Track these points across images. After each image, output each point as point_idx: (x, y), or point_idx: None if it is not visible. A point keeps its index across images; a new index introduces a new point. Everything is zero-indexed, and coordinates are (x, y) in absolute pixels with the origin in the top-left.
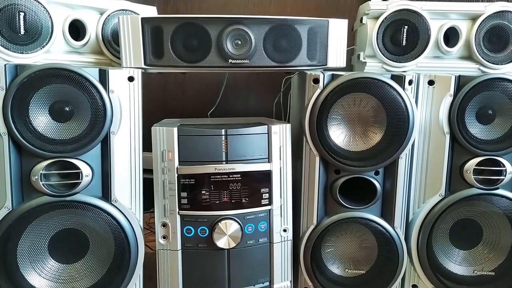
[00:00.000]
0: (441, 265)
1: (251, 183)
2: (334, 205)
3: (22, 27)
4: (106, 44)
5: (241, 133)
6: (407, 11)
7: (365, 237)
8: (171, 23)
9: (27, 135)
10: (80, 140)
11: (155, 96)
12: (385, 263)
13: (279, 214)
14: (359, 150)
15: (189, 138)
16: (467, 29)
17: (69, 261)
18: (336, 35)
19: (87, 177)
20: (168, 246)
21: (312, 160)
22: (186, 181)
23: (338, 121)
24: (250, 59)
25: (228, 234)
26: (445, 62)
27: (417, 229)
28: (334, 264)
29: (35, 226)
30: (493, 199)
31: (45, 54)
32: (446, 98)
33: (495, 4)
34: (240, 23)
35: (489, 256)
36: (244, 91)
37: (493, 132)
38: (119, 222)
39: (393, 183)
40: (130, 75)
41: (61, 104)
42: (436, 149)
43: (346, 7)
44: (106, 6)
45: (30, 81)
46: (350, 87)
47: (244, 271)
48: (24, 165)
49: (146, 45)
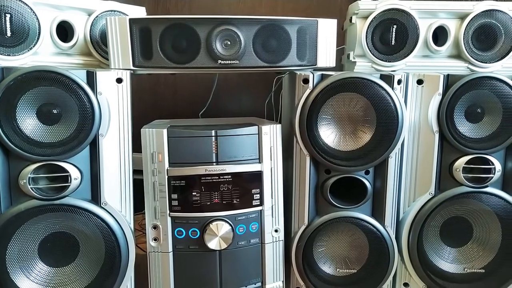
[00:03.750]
0: (432, 263)
1: (242, 184)
2: (325, 205)
3: (8, 29)
4: (94, 45)
5: (231, 134)
6: (396, 10)
7: (356, 237)
8: (159, 24)
9: (14, 139)
10: (68, 143)
11: (146, 97)
12: (376, 262)
13: (270, 215)
14: (349, 149)
15: (179, 140)
16: (456, 28)
17: (59, 265)
18: (325, 35)
19: (76, 180)
20: (159, 248)
21: (303, 160)
22: (176, 183)
23: (328, 121)
24: (239, 60)
25: (220, 236)
26: (434, 61)
27: (408, 227)
28: (325, 263)
29: (24, 230)
30: (482, 197)
31: (33, 56)
32: (435, 97)
33: (483, 3)
34: (229, 24)
35: (479, 254)
36: (236, 91)
37: (482, 130)
38: (109, 225)
39: (383, 182)
40: (119, 77)
41: (48, 107)
42: (425, 148)
43: (336, 7)
44: (94, 7)
45: (17, 84)
46: (339, 87)
47: (236, 272)
48: (12, 169)
49: (135, 46)
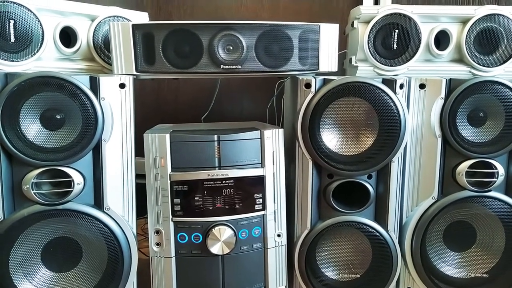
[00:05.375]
0: (435, 268)
1: (244, 189)
2: (327, 209)
3: (12, 35)
4: (97, 51)
5: (234, 138)
6: (397, 15)
7: (359, 241)
8: (162, 30)
9: (18, 144)
10: (71, 148)
11: (149, 101)
12: (379, 266)
13: (273, 219)
14: (352, 154)
15: (181, 145)
16: (458, 32)
17: (62, 270)
18: (327, 39)
19: (79, 185)
20: (162, 253)
21: (305, 165)
22: (179, 188)
23: (331, 125)
24: (241, 65)
25: (222, 240)
26: (436, 65)
27: (411, 232)
28: (328, 268)
29: (27, 235)
30: (485, 201)
31: (36, 62)
32: (437, 101)
33: (484, 7)
34: (231, 29)
35: (483, 258)
36: (238, 96)
37: (484, 134)
38: (112, 230)
39: (386, 186)
40: (122, 82)
41: (52, 112)
42: (428, 152)
43: (338, 11)
44: (97, 13)
45: (21, 89)
46: (341, 91)
47: (239, 277)
48: (15, 174)
49: (138, 51)
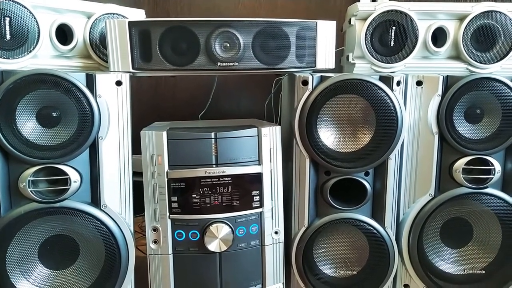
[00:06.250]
0: (432, 264)
1: (241, 186)
2: (325, 207)
3: (8, 32)
4: (94, 48)
5: (231, 136)
6: (395, 12)
7: (356, 238)
8: (158, 27)
9: (14, 142)
10: (68, 146)
11: (146, 98)
12: (376, 263)
13: (270, 217)
14: (349, 151)
15: (178, 142)
16: (455, 29)
17: (59, 268)
18: (324, 36)
19: (76, 183)
20: (159, 251)
21: (303, 162)
22: (176, 185)
23: (328, 122)
24: (239, 62)
25: (220, 238)
26: (433, 62)
27: (408, 229)
28: (326, 265)
29: (24, 233)
30: (482, 198)
31: (32, 59)
32: (434, 98)
33: (482, 4)
34: (228, 26)
35: (480, 255)
36: (235, 93)
37: (481, 131)
38: (109, 228)
39: (383, 183)
40: (118, 80)
41: (48, 110)
42: (425, 149)
43: (335, 8)
44: (93, 10)
45: (16, 87)
46: (339, 88)
47: (236, 274)
48: (12, 172)
49: (134, 49)
